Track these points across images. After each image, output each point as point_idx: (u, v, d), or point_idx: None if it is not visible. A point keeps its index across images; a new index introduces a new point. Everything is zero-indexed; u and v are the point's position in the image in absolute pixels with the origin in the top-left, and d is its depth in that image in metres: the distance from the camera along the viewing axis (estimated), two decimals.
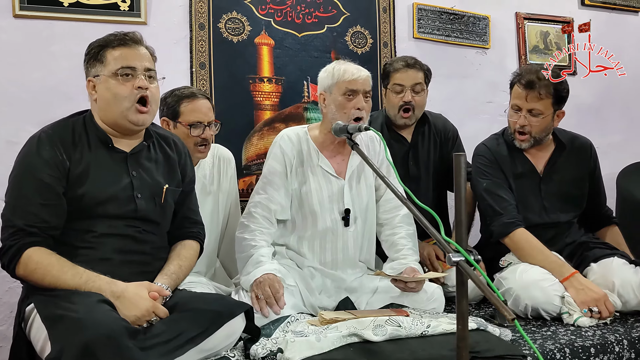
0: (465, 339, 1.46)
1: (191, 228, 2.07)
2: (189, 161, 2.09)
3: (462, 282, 1.45)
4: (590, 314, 2.17)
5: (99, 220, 1.80)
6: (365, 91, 2.31)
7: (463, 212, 1.51)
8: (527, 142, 2.53)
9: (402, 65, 2.76)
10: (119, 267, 1.78)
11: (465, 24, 3.60)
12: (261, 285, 2.10)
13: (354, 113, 2.28)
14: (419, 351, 1.78)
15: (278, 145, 2.38)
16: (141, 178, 1.89)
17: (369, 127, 2.07)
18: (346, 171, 2.39)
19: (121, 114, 1.84)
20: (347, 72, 2.31)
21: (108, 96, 1.83)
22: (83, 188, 1.78)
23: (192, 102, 2.35)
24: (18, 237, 1.71)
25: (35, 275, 1.70)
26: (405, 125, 2.80)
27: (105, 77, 1.83)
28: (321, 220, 2.34)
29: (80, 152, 1.82)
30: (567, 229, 2.57)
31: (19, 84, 2.67)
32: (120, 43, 1.85)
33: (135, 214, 1.85)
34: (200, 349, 1.68)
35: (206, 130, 2.34)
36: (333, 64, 2.39)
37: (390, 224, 2.44)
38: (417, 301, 2.21)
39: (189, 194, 2.08)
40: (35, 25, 2.71)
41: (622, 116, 4.01)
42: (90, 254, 1.78)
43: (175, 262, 1.93)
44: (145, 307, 1.68)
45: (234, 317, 1.77)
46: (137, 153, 1.92)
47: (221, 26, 3.02)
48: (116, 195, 1.82)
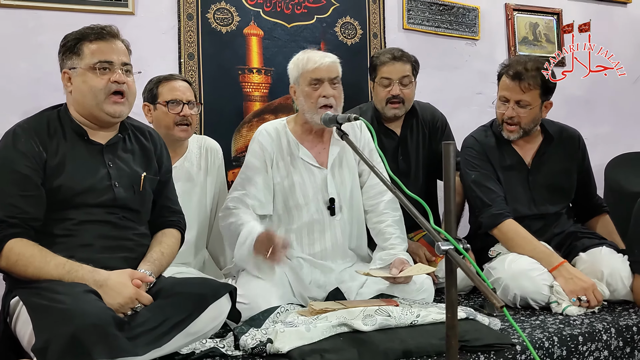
0: (455, 327, 1.47)
1: (170, 217, 2.07)
2: (165, 151, 2.09)
3: (452, 271, 1.45)
4: (579, 302, 2.18)
5: (78, 209, 1.80)
6: (330, 78, 2.29)
7: (452, 201, 1.51)
8: (515, 132, 2.53)
9: (388, 58, 2.75)
10: (100, 253, 1.78)
11: (455, 15, 3.59)
12: (258, 244, 2.08)
13: (321, 101, 2.27)
14: (408, 340, 1.78)
15: (257, 141, 2.37)
16: (118, 168, 1.89)
17: (359, 117, 2.06)
18: (328, 160, 2.38)
19: (97, 106, 1.85)
20: (309, 61, 2.29)
21: (84, 89, 1.84)
22: (59, 179, 1.78)
23: (169, 83, 2.41)
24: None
25: (18, 267, 1.69)
26: (396, 116, 2.79)
27: (82, 70, 1.84)
28: (307, 212, 2.33)
29: (56, 144, 1.83)
30: (555, 220, 2.58)
31: (5, 75, 2.64)
32: (98, 37, 1.86)
33: (114, 202, 1.85)
34: (186, 332, 1.67)
35: (185, 108, 2.36)
36: (298, 55, 2.37)
37: (375, 211, 2.44)
38: (407, 291, 2.22)
39: (167, 183, 2.09)
40: (21, 15, 2.68)
41: (610, 108, 4.03)
42: (69, 242, 1.77)
43: (157, 249, 1.92)
44: (129, 295, 1.68)
45: (218, 298, 1.76)
46: (113, 145, 1.93)
47: (210, 16, 3.00)
48: (93, 185, 1.82)
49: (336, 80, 2.32)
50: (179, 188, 2.20)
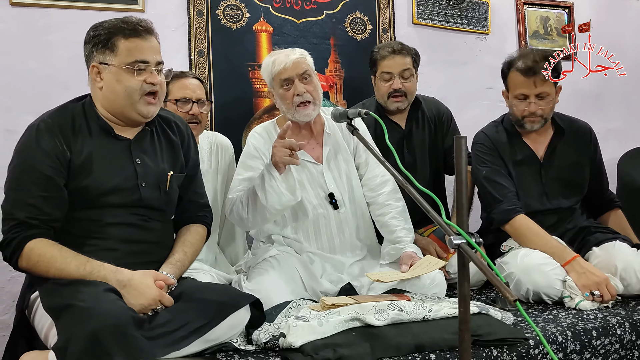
0: (467, 321, 1.46)
1: (197, 212, 2.06)
2: (192, 143, 2.06)
3: (464, 265, 1.45)
4: (592, 297, 2.16)
5: (103, 209, 1.79)
6: (299, 74, 2.28)
7: (464, 195, 1.50)
8: (538, 123, 2.52)
9: (388, 52, 2.74)
10: (124, 258, 1.77)
11: (465, 10, 3.57)
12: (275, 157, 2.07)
13: (296, 100, 2.27)
14: (421, 335, 1.78)
15: (249, 144, 2.37)
16: (145, 165, 1.87)
17: (370, 112, 2.06)
18: (322, 155, 2.38)
19: (130, 106, 1.82)
20: (275, 64, 2.28)
21: (118, 88, 1.80)
22: (87, 179, 1.76)
23: (180, 80, 2.40)
24: (19, 230, 1.70)
25: (39, 268, 1.69)
26: (398, 109, 2.78)
27: (117, 69, 1.79)
28: (310, 209, 2.34)
29: (81, 141, 1.79)
30: (569, 215, 2.56)
31: (15, 73, 2.65)
32: (133, 33, 1.80)
33: (139, 203, 1.84)
34: (204, 339, 1.67)
35: (194, 107, 2.36)
36: (266, 58, 2.37)
37: (377, 203, 2.42)
38: (419, 286, 2.20)
39: (194, 177, 2.07)
40: (31, 14, 2.69)
41: (622, 102, 4.00)
42: (96, 244, 1.77)
43: (180, 250, 1.92)
44: (152, 296, 1.68)
45: (239, 308, 1.75)
46: (141, 140, 1.90)
47: (219, 13, 3.00)
48: (119, 185, 1.80)
49: (306, 75, 2.30)
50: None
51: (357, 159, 2.45)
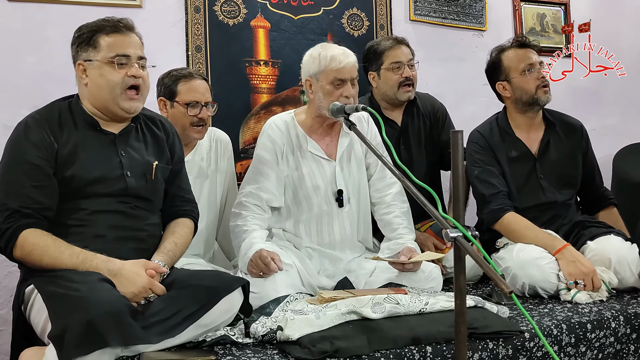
0: (464, 314, 1.48)
1: (183, 206, 2.08)
2: (177, 140, 2.10)
3: (460, 258, 1.46)
4: (575, 286, 2.18)
5: (90, 199, 1.82)
6: (352, 78, 2.30)
7: (460, 189, 1.52)
8: (549, 92, 2.55)
9: (393, 43, 2.77)
10: (113, 244, 1.80)
11: (461, 6, 3.58)
12: (253, 263, 2.12)
13: (342, 101, 2.27)
14: (417, 328, 1.79)
15: (267, 134, 2.38)
16: (130, 157, 1.91)
17: (366, 107, 2.07)
18: (336, 152, 2.40)
19: (113, 100, 1.86)
20: (334, 61, 2.28)
21: (101, 82, 1.86)
22: (71, 169, 1.80)
23: (189, 82, 2.37)
24: (13, 220, 1.73)
25: (33, 257, 1.72)
26: (409, 99, 2.80)
27: (99, 63, 1.85)
28: (316, 204, 2.35)
29: (67, 134, 1.85)
30: (565, 210, 2.58)
31: (13, 69, 2.65)
32: (114, 29, 1.87)
33: (125, 192, 1.87)
34: (198, 324, 1.71)
35: (203, 110, 2.36)
36: (318, 49, 2.35)
37: (383, 202, 2.45)
38: (415, 280, 2.22)
39: (179, 172, 2.10)
40: (29, 9, 2.68)
41: (618, 98, 4.01)
42: (83, 232, 1.80)
43: (170, 240, 1.95)
44: (142, 284, 1.70)
45: (231, 291, 1.79)
46: (126, 134, 1.94)
47: (217, 9, 3.00)
48: (105, 175, 1.84)
49: (356, 79, 2.33)
50: (189, 181, 2.20)
51: (367, 158, 2.47)
